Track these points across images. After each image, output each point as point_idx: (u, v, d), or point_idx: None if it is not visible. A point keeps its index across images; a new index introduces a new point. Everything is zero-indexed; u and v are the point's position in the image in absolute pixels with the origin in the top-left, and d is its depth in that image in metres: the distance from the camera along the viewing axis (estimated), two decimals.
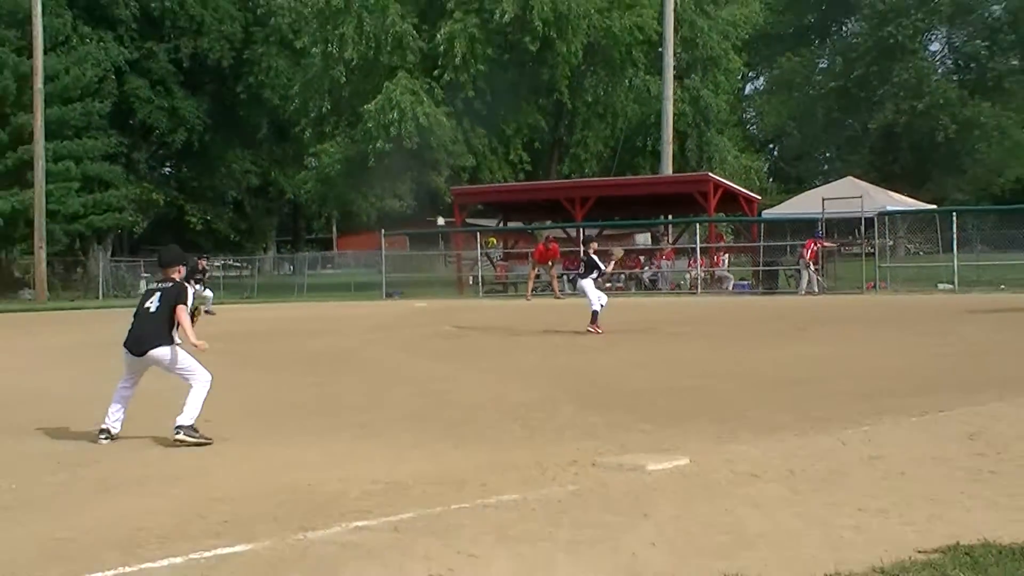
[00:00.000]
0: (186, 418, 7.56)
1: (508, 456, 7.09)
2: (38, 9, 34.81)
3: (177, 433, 7.49)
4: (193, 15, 46.50)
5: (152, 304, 7.86)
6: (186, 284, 8.92)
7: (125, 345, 7.89)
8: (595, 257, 18.44)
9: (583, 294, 18.22)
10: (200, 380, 7.78)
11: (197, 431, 7.63)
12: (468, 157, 39.54)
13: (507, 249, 37.64)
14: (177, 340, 7.94)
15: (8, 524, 5.57)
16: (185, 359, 7.84)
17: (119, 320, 15.62)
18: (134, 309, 8.20)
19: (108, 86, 43.72)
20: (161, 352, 7.75)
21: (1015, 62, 52.77)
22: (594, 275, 18.11)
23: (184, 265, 8.80)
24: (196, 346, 7.83)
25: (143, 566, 4.56)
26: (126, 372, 7.97)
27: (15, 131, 37.62)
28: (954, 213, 30.53)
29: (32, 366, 15.24)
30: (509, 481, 6.15)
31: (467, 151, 39.28)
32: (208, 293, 25.50)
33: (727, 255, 34.07)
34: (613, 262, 20.49)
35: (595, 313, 17.53)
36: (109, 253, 46.53)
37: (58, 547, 4.97)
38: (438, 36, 37.00)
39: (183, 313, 7.87)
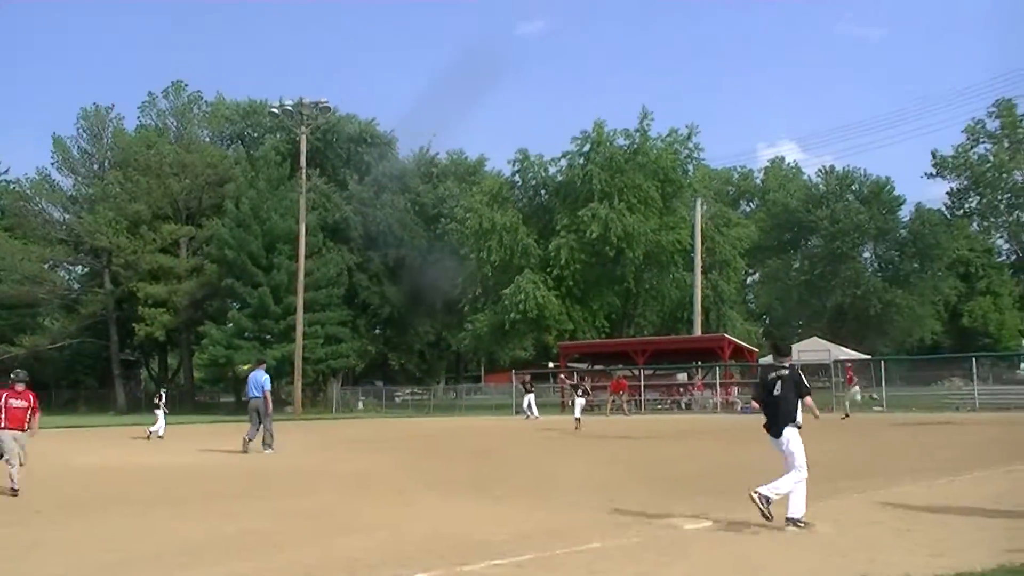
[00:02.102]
0: (771, 491, 7.27)
1: (592, 516, 8.21)
2: (302, 230, 43.30)
3: (754, 494, 7.27)
4: (396, 234, 55.67)
5: (777, 389, 7.31)
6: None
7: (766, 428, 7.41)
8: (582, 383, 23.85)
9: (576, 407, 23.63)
10: (798, 470, 7.26)
11: (769, 504, 7.25)
12: (569, 323, 46.04)
13: (594, 383, 39.05)
14: (799, 422, 7.38)
15: (272, 551, 6.88)
16: (796, 445, 7.33)
17: (347, 427, 26.19)
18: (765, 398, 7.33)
19: (342, 279, 51.50)
20: (788, 432, 7.36)
21: (915, 265, 64.53)
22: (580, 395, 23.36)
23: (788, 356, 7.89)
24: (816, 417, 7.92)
25: None
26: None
27: (285, 307, 45.29)
28: (882, 361, 35.87)
29: (300, 452, 18.56)
30: (593, 534, 7.14)
31: (568, 320, 46.01)
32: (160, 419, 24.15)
33: (737, 387, 38.59)
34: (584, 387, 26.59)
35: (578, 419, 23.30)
36: (339, 384, 53.00)
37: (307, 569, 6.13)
38: (550, 247, 45.28)
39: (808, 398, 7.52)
